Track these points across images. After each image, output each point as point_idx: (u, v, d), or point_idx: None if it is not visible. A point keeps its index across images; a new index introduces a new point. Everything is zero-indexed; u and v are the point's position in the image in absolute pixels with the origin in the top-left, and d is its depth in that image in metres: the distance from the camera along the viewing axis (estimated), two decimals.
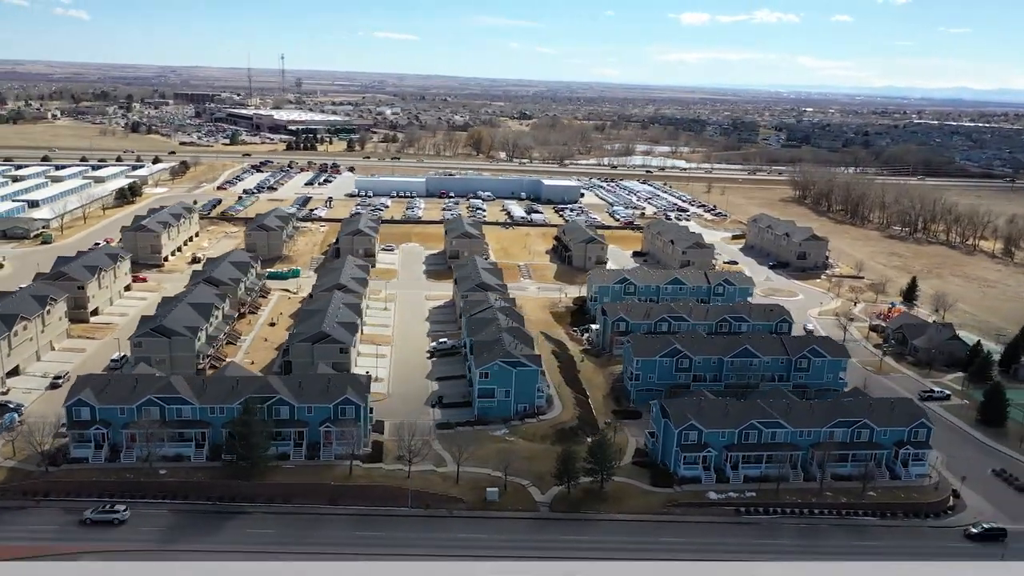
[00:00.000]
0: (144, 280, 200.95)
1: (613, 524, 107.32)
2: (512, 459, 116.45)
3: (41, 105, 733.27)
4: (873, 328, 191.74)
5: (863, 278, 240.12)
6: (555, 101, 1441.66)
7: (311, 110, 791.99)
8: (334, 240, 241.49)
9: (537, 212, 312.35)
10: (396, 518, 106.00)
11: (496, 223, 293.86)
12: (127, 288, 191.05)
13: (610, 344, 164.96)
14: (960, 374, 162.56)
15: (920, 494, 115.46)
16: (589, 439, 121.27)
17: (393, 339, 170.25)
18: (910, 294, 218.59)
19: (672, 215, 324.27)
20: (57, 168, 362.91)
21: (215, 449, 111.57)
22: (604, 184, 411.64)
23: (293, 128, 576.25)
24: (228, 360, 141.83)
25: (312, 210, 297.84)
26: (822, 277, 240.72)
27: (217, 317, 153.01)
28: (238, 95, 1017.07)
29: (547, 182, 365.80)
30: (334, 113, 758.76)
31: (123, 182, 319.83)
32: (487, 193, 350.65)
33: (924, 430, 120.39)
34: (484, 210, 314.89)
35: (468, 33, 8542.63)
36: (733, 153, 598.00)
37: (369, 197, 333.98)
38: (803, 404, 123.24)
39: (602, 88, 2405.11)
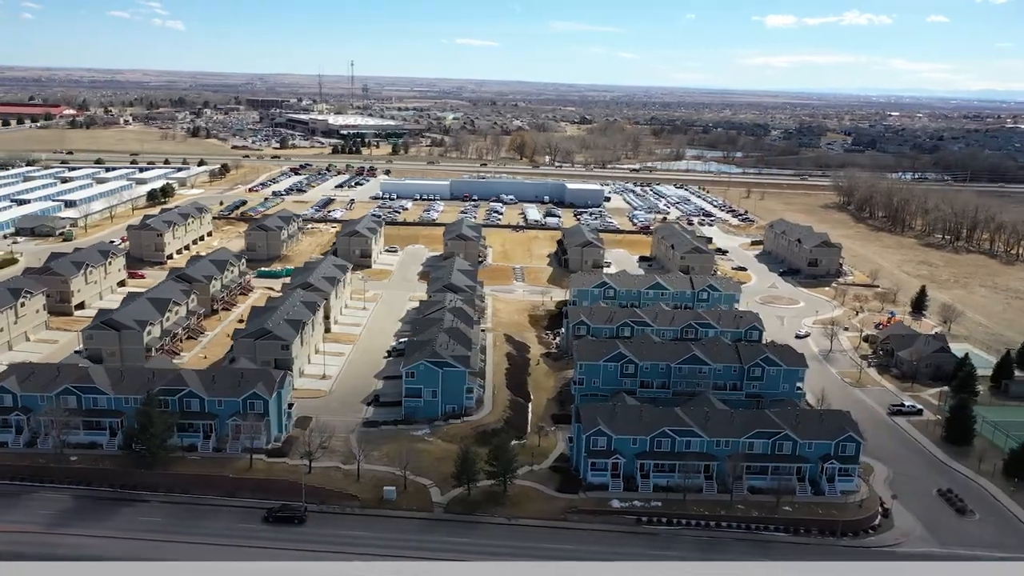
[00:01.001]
0: (142, 276, 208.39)
1: (505, 528, 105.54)
2: (422, 459, 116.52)
3: (116, 111, 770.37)
4: (865, 338, 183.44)
5: (876, 287, 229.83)
6: (629, 106, 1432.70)
7: (371, 115, 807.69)
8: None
9: (554, 216, 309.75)
10: None
11: (508, 226, 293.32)
12: (121, 283, 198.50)
13: (570, 347, 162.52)
14: (945, 388, 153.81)
15: (840, 511, 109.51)
16: (514, 441, 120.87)
17: (359, 338, 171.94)
18: (919, 304, 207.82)
19: (695, 220, 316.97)
20: (107, 171, 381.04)
21: (129, 438, 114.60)
22: (636, 188, 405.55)
23: (344, 132, 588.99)
24: (157, 354, 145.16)
25: (329, 212, 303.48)
26: (833, 285, 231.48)
27: (176, 312, 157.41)
28: (312, 101, 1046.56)
29: (570, 186, 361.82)
30: (393, 118, 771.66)
31: (160, 184, 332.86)
32: (510, 196, 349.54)
33: (852, 444, 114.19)
34: (501, 213, 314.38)
35: (548, 39, 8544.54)
36: (788, 158, 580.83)
37: (392, 200, 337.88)
38: (723, 413, 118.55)
39: (682, 93, 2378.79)
